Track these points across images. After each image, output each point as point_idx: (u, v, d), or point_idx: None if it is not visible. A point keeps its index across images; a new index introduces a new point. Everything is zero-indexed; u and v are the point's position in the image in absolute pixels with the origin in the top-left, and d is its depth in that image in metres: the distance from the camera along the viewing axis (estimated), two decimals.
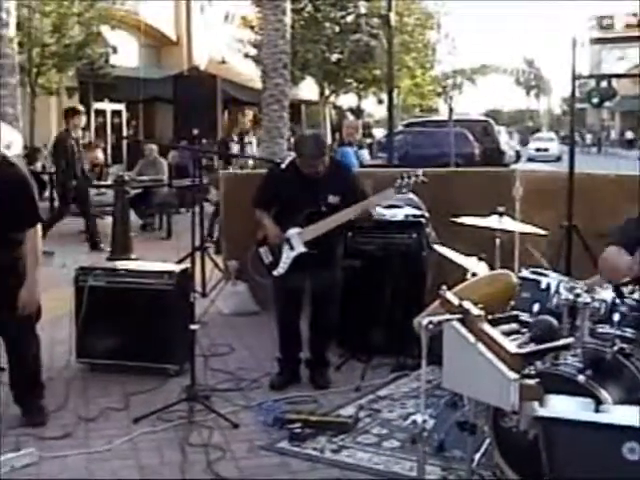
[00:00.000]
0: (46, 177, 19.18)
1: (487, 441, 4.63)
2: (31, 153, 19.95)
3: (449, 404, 5.50)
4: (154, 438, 5.47)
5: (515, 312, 5.22)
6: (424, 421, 4.13)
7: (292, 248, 6.35)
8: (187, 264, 7.22)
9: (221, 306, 8.89)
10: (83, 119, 14.14)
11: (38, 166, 20.23)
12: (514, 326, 4.95)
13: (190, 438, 5.43)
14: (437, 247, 6.73)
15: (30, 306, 5.51)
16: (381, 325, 6.66)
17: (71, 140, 13.42)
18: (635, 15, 55.29)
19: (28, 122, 20.25)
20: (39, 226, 5.60)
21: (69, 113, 14.03)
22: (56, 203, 18.00)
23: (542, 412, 3.77)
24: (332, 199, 6.29)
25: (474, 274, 6.01)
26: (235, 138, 24.96)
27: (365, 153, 14.96)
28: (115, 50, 27.18)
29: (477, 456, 4.64)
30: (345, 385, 6.47)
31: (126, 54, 29.14)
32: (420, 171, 6.31)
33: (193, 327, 5.93)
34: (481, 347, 3.90)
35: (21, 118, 13.76)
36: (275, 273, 6.41)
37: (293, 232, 6.34)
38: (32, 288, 5.52)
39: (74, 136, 13.56)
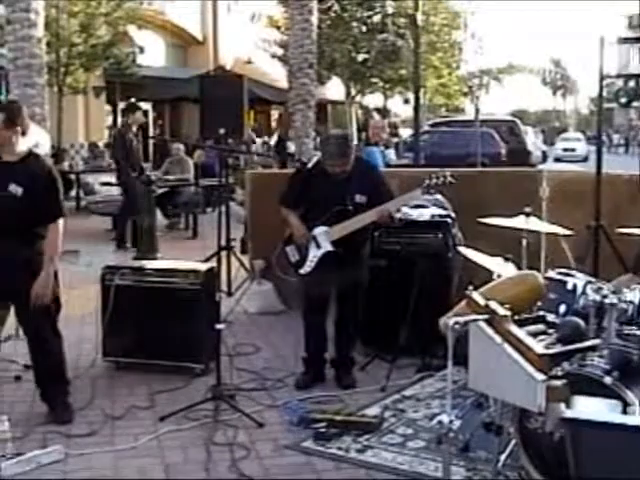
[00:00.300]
0: (72, 176, 19.31)
1: (513, 442, 4.60)
2: (58, 153, 20.05)
3: (474, 405, 5.48)
4: (179, 436, 5.48)
5: (542, 313, 5.21)
6: (450, 421, 4.12)
7: (319, 247, 6.35)
8: (213, 263, 7.23)
9: (247, 305, 8.90)
10: (142, 115, 14.19)
11: (65, 165, 20.35)
12: (541, 327, 4.93)
13: (215, 437, 5.45)
14: (462, 250, 6.70)
15: (42, 299, 5.53)
16: (407, 325, 6.64)
17: (130, 135, 13.49)
18: None
19: (55, 122, 20.35)
20: (61, 222, 5.63)
21: (130, 108, 14.10)
22: (82, 202, 18.15)
23: (569, 414, 3.75)
24: (359, 198, 6.28)
25: (500, 275, 5.98)
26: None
27: (391, 153, 14.94)
28: (142, 50, 27.30)
29: (502, 457, 4.62)
30: (370, 385, 6.46)
31: (153, 54, 29.26)
32: (448, 172, 6.29)
33: (219, 326, 5.93)
34: (507, 348, 3.89)
35: (49, 118, 13.82)
36: (302, 272, 6.42)
37: (320, 231, 6.35)
38: (46, 282, 5.54)
39: (133, 131, 13.61)
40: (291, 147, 18.69)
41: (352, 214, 6.28)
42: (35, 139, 6.21)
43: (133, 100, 15.63)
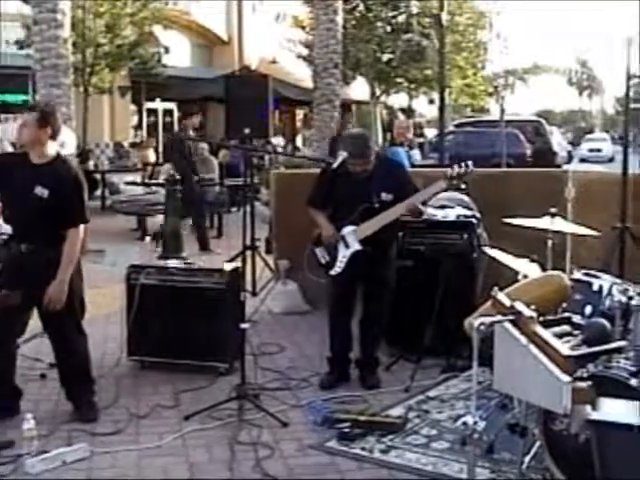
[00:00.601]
0: (98, 176, 19.41)
1: (537, 444, 4.58)
2: (84, 152, 20.17)
3: (499, 406, 5.46)
4: (204, 435, 5.50)
5: (567, 314, 5.18)
6: (475, 423, 4.11)
7: (347, 246, 6.35)
8: (238, 263, 7.24)
9: (271, 305, 8.91)
10: (198, 119, 14.29)
11: (90, 165, 20.46)
12: (566, 328, 4.90)
13: (239, 436, 5.46)
14: (488, 250, 6.68)
15: (55, 303, 5.54)
16: (432, 325, 6.63)
17: (188, 140, 13.56)
18: None
19: (81, 121, 20.45)
20: (82, 227, 5.66)
21: (188, 113, 14.22)
22: (107, 202, 18.24)
23: (594, 416, 3.74)
24: (385, 196, 6.28)
25: (525, 275, 5.96)
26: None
27: (416, 153, 14.91)
28: (167, 50, 27.37)
29: (527, 459, 4.60)
30: (394, 385, 6.46)
31: (178, 54, 29.33)
32: (470, 162, 6.28)
33: (243, 326, 5.94)
34: (533, 349, 3.87)
35: (74, 117, 13.89)
36: (332, 272, 6.41)
37: (348, 230, 6.35)
38: (61, 286, 5.56)
39: (189, 134, 13.67)
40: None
41: (378, 212, 6.28)
42: (61, 138, 6.23)
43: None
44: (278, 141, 29.10)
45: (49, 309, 5.54)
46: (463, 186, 6.46)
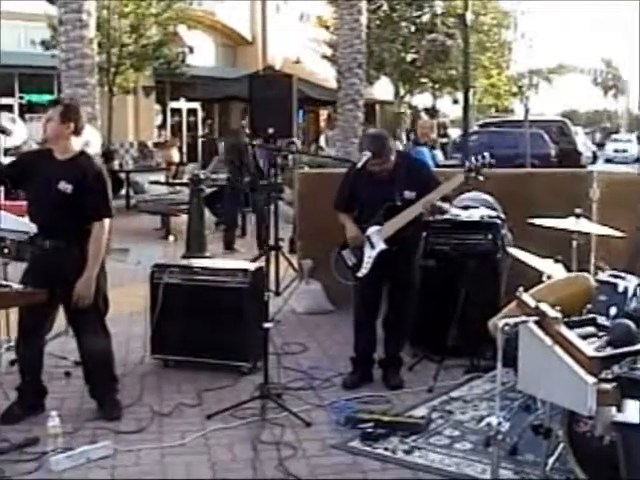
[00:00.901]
0: (122, 175, 19.48)
1: (561, 445, 4.56)
2: (108, 152, 20.24)
3: (522, 407, 5.44)
4: (226, 434, 5.50)
5: (592, 315, 5.15)
6: (499, 423, 4.10)
7: (373, 246, 6.34)
8: (261, 262, 7.25)
9: (295, 305, 8.91)
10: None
11: (115, 165, 20.55)
12: (591, 329, 4.87)
13: (262, 435, 5.46)
14: (512, 250, 6.66)
15: (84, 300, 5.57)
16: (455, 326, 6.62)
17: (244, 138, 13.60)
18: None
19: (106, 121, 20.54)
20: (107, 222, 5.67)
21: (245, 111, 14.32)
22: (132, 201, 18.30)
23: (619, 417, 3.72)
24: (408, 194, 6.27)
25: (550, 276, 5.93)
26: None
27: (439, 154, 14.87)
28: (191, 50, 27.45)
29: (551, 460, 4.58)
30: (418, 386, 6.44)
31: (202, 54, 29.42)
32: (487, 154, 6.27)
33: (267, 325, 5.95)
34: (558, 350, 3.86)
35: (99, 117, 13.95)
36: (359, 274, 6.41)
37: (373, 230, 6.34)
38: (89, 282, 5.57)
39: (246, 132, 13.72)
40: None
41: (401, 210, 6.28)
42: (86, 138, 6.26)
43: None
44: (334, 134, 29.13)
45: (77, 305, 5.57)
46: (481, 178, 6.42)
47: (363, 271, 6.38)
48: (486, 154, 6.25)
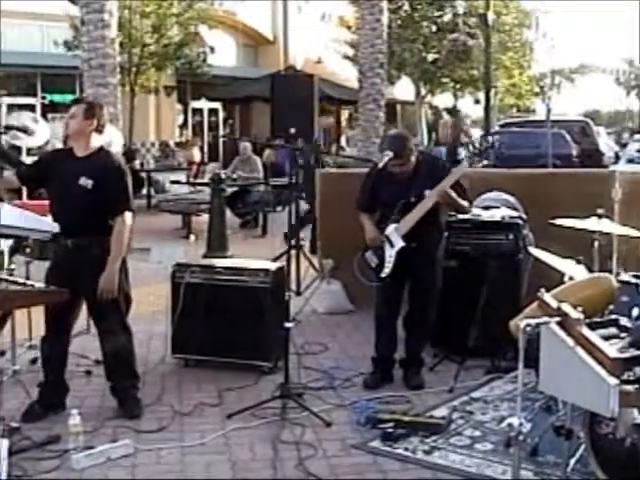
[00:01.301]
0: (143, 175, 19.53)
1: (582, 447, 4.54)
2: (129, 151, 20.31)
3: (543, 408, 5.43)
4: (247, 434, 5.50)
5: (614, 316, 5.12)
6: (520, 424, 4.08)
7: (392, 245, 6.34)
8: (282, 262, 7.26)
9: (316, 305, 8.91)
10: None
11: (136, 164, 20.61)
12: (613, 330, 4.85)
13: (282, 435, 5.46)
14: (533, 251, 6.63)
15: (108, 294, 5.59)
16: (476, 326, 6.60)
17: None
18: None
19: (127, 121, 20.61)
20: (129, 216, 5.69)
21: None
22: (153, 201, 18.36)
23: None
24: (428, 193, 6.27)
25: (571, 277, 5.91)
26: None
27: (462, 152, 14.85)
28: (213, 50, 27.50)
29: (572, 462, 4.56)
30: (438, 386, 6.43)
31: (223, 53, 29.46)
32: (490, 138, 6.27)
33: (288, 325, 5.94)
34: (580, 351, 3.84)
35: (121, 117, 14.00)
36: (383, 274, 6.40)
37: (391, 229, 6.35)
38: (111, 277, 5.59)
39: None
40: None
41: (416, 205, 6.29)
42: (108, 137, 6.29)
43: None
44: (354, 133, 29.19)
45: (101, 300, 5.58)
46: (485, 162, 6.40)
47: (386, 271, 6.37)
48: (490, 138, 6.24)
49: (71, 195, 5.59)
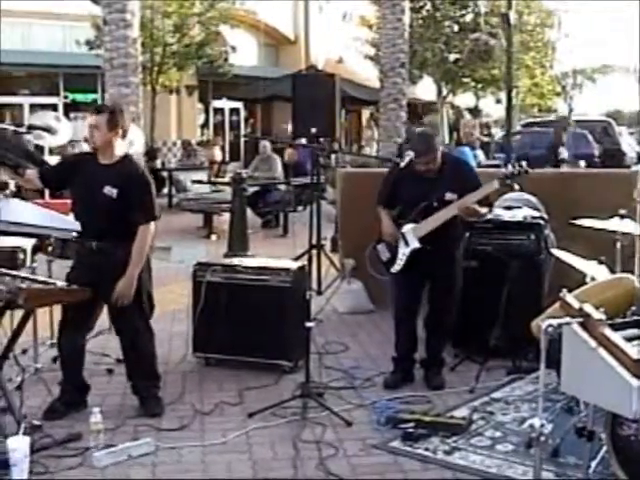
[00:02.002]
0: (165, 174, 19.57)
1: (604, 449, 4.51)
2: (151, 150, 20.38)
3: (565, 409, 5.41)
4: (267, 433, 5.51)
5: (636, 317, 5.10)
6: (542, 425, 4.07)
7: (407, 244, 6.35)
8: (304, 262, 7.26)
9: (337, 304, 8.91)
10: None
11: (157, 163, 20.65)
12: (635, 331, 4.82)
13: (303, 434, 5.47)
14: (555, 251, 6.61)
15: (123, 299, 5.62)
16: (497, 327, 6.59)
17: None
18: None
19: (149, 120, 20.66)
20: (152, 226, 5.72)
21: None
22: (175, 199, 18.39)
23: None
24: (449, 196, 6.27)
25: (593, 278, 5.89)
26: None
27: (480, 154, 14.78)
28: (234, 49, 27.52)
29: (593, 464, 4.54)
30: (459, 386, 6.42)
31: (245, 53, 29.48)
32: (524, 163, 6.26)
33: (308, 325, 5.95)
34: (602, 352, 3.82)
35: (142, 116, 14.03)
36: (392, 270, 6.43)
37: (408, 228, 6.35)
38: (129, 282, 5.63)
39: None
40: (564, 152, 17.83)
41: (437, 210, 6.29)
42: (129, 137, 6.30)
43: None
44: (372, 132, 29.23)
45: (117, 305, 5.61)
46: (516, 187, 6.42)
47: (396, 267, 6.40)
48: (524, 163, 6.23)
49: (95, 202, 5.62)
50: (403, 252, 6.39)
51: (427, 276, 6.45)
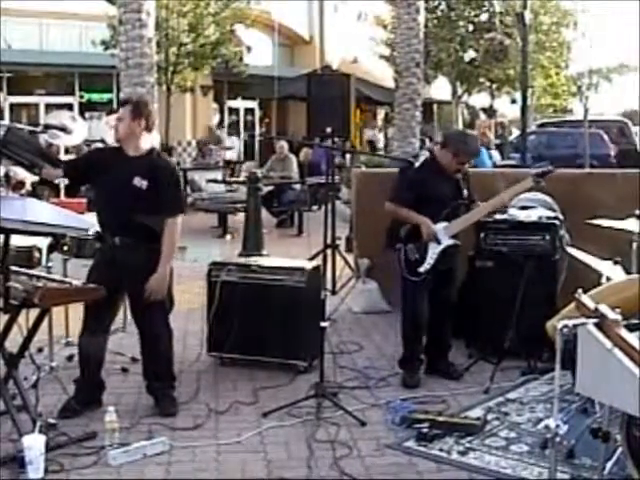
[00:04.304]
0: (180, 173, 19.58)
1: (619, 450, 4.50)
2: (166, 150, 20.39)
3: (580, 410, 5.39)
4: (282, 433, 5.52)
5: None
6: (557, 426, 4.06)
7: (439, 242, 6.37)
8: (318, 261, 7.26)
9: (351, 304, 8.91)
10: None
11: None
12: None
13: (317, 434, 5.47)
14: (571, 250, 6.60)
15: (156, 295, 5.63)
16: (512, 327, 6.57)
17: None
18: None
19: (164, 120, 20.69)
20: (180, 218, 5.72)
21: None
22: (189, 199, 18.39)
23: None
24: (465, 193, 6.49)
25: (609, 278, 5.86)
26: None
27: (496, 154, 14.77)
28: (249, 49, 27.55)
29: (609, 465, 4.51)
30: (474, 387, 6.41)
31: (260, 53, 29.51)
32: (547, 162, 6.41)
33: (323, 324, 5.95)
34: (618, 353, 3.80)
35: (157, 116, 14.05)
36: (422, 269, 6.43)
37: (440, 227, 6.41)
38: (162, 278, 5.64)
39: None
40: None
41: (466, 208, 6.50)
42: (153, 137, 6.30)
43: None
44: (374, 133, 29.18)
45: (150, 300, 5.62)
46: (544, 184, 6.50)
47: (426, 266, 6.42)
48: (547, 162, 6.38)
49: (123, 195, 5.60)
50: (434, 251, 6.42)
51: (437, 271, 6.48)
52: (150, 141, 5.81)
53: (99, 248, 5.90)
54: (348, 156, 19.43)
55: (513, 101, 39.58)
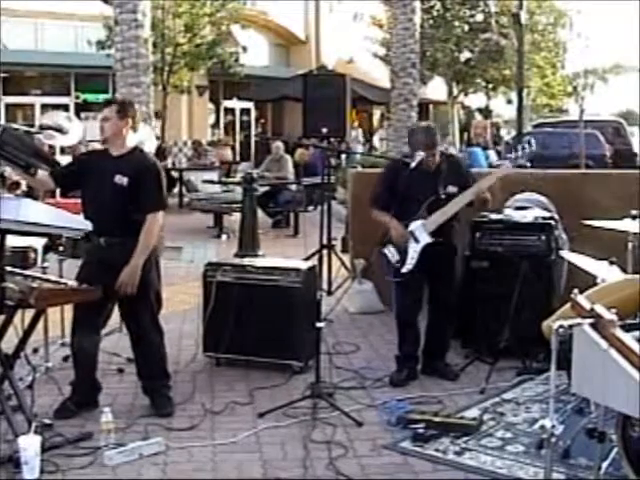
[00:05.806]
0: (175, 174, 19.58)
1: (615, 450, 4.50)
2: (162, 150, 20.36)
3: (575, 410, 5.40)
4: (278, 433, 5.52)
5: None
6: (553, 426, 4.06)
7: (417, 241, 6.35)
8: (314, 262, 7.26)
9: (347, 304, 8.91)
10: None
11: (168, 163, 20.65)
12: None
13: (313, 434, 5.47)
14: (565, 254, 6.60)
15: (126, 287, 5.61)
16: (508, 327, 6.58)
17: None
18: None
19: (160, 120, 20.68)
20: (160, 215, 5.73)
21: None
22: (185, 199, 18.40)
23: None
24: (451, 189, 6.43)
25: (605, 279, 5.87)
26: None
27: (492, 154, 14.77)
28: (245, 49, 27.54)
29: (604, 465, 4.52)
30: (470, 387, 6.41)
31: (255, 53, 29.51)
32: (531, 140, 6.36)
33: (319, 325, 5.95)
34: (613, 353, 3.81)
35: (153, 116, 14.03)
36: (404, 270, 6.42)
37: (416, 225, 6.37)
38: (134, 270, 5.62)
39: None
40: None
41: (444, 203, 6.39)
42: (141, 137, 6.31)
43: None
44: (357, 133, 29.15)
45: (121, 294, 5.62)
46: (528, 164, 6.49)
47: (408, 267, 6.40)
48: (530, 140, 6.33)
49: (106, 193, 5.64)
50: (414, 250, 6.39)
51: (432, 272, 6.46)
52: (134, 140, 5.83)
53: (87, 249, 5.91)
54: (343, 156, 19.42)
55: (509, 101, 39.63)
